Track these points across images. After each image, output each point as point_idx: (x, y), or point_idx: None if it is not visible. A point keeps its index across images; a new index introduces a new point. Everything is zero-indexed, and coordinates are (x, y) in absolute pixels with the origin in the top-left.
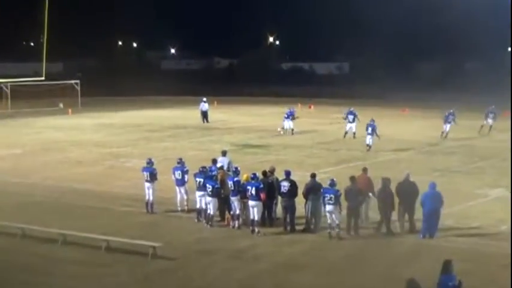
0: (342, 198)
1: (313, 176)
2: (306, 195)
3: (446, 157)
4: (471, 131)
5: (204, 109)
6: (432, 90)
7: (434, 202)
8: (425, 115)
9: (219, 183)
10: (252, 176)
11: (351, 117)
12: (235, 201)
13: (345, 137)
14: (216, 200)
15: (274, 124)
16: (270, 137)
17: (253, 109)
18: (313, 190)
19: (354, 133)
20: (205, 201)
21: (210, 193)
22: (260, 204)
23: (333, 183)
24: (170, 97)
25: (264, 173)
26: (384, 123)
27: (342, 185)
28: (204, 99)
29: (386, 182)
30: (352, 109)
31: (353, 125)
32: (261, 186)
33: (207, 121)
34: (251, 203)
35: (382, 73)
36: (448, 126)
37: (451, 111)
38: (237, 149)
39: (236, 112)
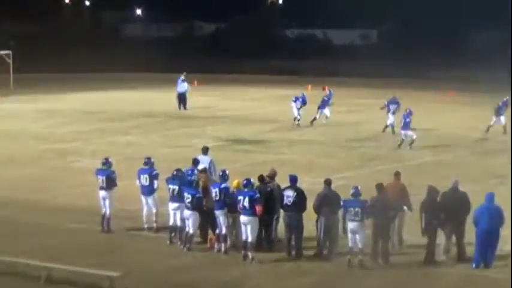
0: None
1: (328, 182)
2: (318, 208)
3: (506, 158)
4: None
5: (181, 90)
6: (487, 68)
7: (492, 220)
8: (477, 100)
9: (201, 192)
10: (245, 182)
11: (393, 107)
12: (221, 216)
13: (384, 131)
14: (196, 214)
15: (275, 112)
16: (270, 130)
17: (246, 91)
18: (328, 202)
19: (393, 127)
20: (182, 216)
21: (189, 205)
22: (255, 220)
23: (357, 193)
24: (136, 74)
25: (261, 179)
26: (422, 111)
27: (366, 195)
28: (182, 77)
29: (433, 192)
30: (396, 97)
31: (393, 117)
32: (257, 196)
33: (185, 107)
34: (243, 218)
35: (421, 44)
36: (502, 119)
37: (506, 99)
38: (225, 146)
39: (224, 95)
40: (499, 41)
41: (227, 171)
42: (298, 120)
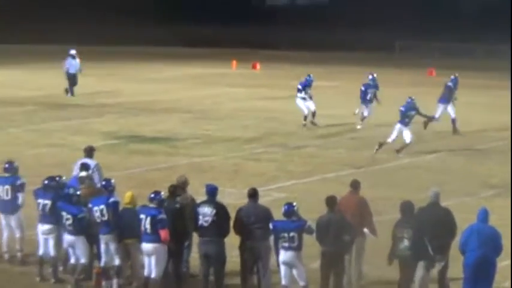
0: (313, 237)
1: (251, 194)
2: (239, 230)
3: (504, 160)
4: None
5: (71, 70)
6: (480, 35)
7: (485, 246)
8: (469, 81)
9: (87, 210)
10: (152, 195)
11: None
12: (110, 242)
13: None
14: (83, 239)
15: (187, 98)
16: (180, 123)
17: (149, 69)
18: (254, 222)
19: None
20: (58, 242)
21: (70, 228)
22: (161, 248)
23: (290, 211)
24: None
25: (173, 191)
26: (395, 96)
27: (314, 214)
28: (72, 51)
29: (409, 209)
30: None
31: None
32: (161, 215)
33: (72, 93)
34: (145, 246)
35: (387, 3)
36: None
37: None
38: (117, 145)
39: (121, 76)
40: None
41: (113, 181)
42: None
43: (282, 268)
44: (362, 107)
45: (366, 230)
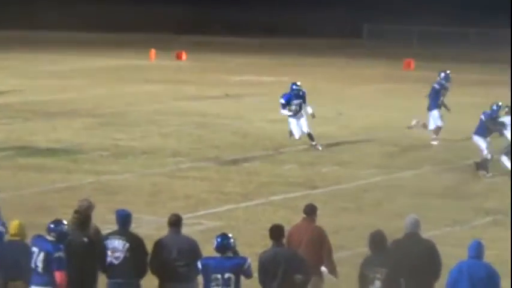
0: (254, 279)
1: (173, 222)
2: (157, 269)
3: (503, 180)
4: None
5: None
6: (472, 18)
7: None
8: (458, 77)
9: None
10: (52, 226)
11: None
12: None
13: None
14: None
15: (95, 98)
16: (84, 130)
17: (44, 60)
18: (176, 258)
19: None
20: None
21: None
22: None
23: (225, 244)
24: None
25: (81, 220)
26: (362, 98)
27: (256, 248)
28: None
29: (380, 242)
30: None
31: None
32: (59, 253)
33: None
34: None
35: None
36: None
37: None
38: (2, 159)
39: (7, 69)
40: None
41: None
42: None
43: None
44: (433, 113)
45: (323, 268)
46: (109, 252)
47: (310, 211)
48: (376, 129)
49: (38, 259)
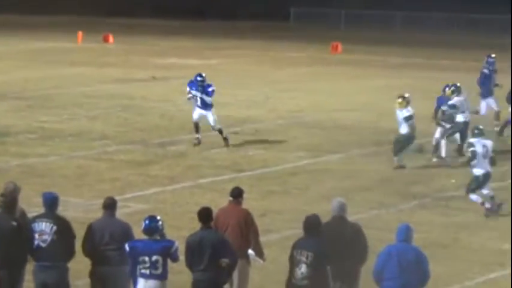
0: (181, 262)
1: (108, 205)
2: (89, 252)
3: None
4: None
5: None
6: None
7: (408, 272)
8: (385, 60)
9: None
10: None
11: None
12: None
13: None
14: None
15: (22, 79)
16: (8, 111)
17: None
18: (109, 242)
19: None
20: None
21: None
22: None
23: (152, 227)
24: None
25: (8, 203)
26: (292, 78)
27: (183, 231)
28: None
29: (312, 225)
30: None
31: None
32: None
33: None
34: None
35: None
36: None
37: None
38: None
39: None
40: None
41: None
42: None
43: None
44: (489, 100)
45: (250, 251)
46: (36, 235)
47: (237, 194)
48: (303, 112)
49: None
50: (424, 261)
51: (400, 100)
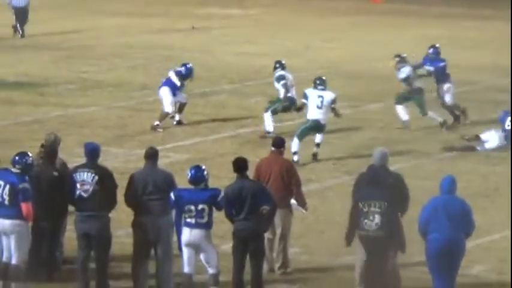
0: (220, 212)
1: (150, 155)
2: (132, 202)
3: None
4: None
5: (17, 3)
6: None
7: (454, 225)
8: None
9: None
10: (16, 158)
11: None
12: None
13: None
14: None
15: (62, 30)
16: (52, 61)
17: None
18: (152, 192)
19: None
20: None
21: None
22: (23, 226)
23: (198, 176)
24: None
25: (49, 153)
26: (333, 30)
27: (224, 180)
28: None
29: (376, 172)
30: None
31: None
32: (24, 184)
33: (22, 32)
34: (1, 223)
35: None
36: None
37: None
38: None
39: None
40: None
41: None
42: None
43: (186, 251)
44: None
45: (293, 201)
46: (78, 185)
47: (279, 144)
48: (343, 62)
49: (4, 192)
50: (469, 213)
51: (395, 60)
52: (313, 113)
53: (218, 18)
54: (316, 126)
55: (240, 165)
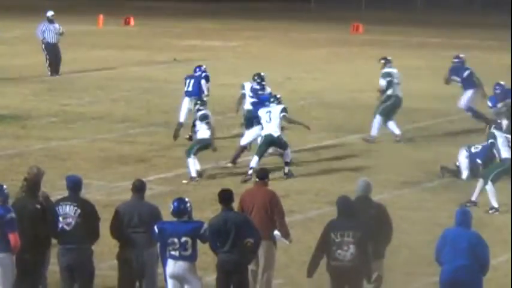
0: (205, 244)
1: (138, 188)
2: (118, 235)
3: (452, 142)
4: None
5: (50, 39)
6: None
7: (461, 258)
8: (406, 40)
9: None
10: None
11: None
12: None
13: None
14: None
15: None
16: (33, 94)
17: None
18: (138, 224)
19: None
20: None
21: None
22: (8, 259)
23: (181, 209)
24: None
25: (32, 186)
26: (313, 61)
27: (207, 212)
28: (50, 13)
29: (347, 203)
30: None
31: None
32: (10, 215)
33: (58, 71)
34: None
35: None
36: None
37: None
38: None
39: None
40: None
41: None
42: None
43: (170, 283)
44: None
45: (276, 232)
46: (60, 218)
47: (263, 175)
48: (325, 93)
49: None
50: (479, 247)
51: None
52: (265, 128)
53: (200, 50)
54: (270, 140)
55: (225, 196)
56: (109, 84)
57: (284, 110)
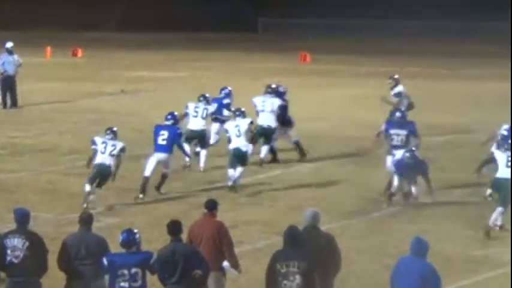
0: (153, 276)
1: (85, 220)
2: (66, 267)
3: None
4: None
5: (10, 71)
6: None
7: (412, 286)
8: (351, 69)
9: None
10: None
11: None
12: None
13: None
14: None
15: None
16: None
17: None
18: (85, 256)
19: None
20: None
21: None
22: None
23: (130, 240)
24: None
25: None
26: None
27: (155, 244)
28: (9, 44)
29: (295, 234)
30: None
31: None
32: None
33: (16, 102)
34: None
35: None
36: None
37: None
38: None
39: None
40: None
41: None
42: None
43: None
44: None
45: (225, 263)
46: (9, 251)
47: (212, 206)
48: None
49: None
50: (431, 279)
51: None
52: (234, 142)
53: (147, 81)
54: (238, 154)
55: (173, 228)
56: (56, 116)
57: (251, 123)
